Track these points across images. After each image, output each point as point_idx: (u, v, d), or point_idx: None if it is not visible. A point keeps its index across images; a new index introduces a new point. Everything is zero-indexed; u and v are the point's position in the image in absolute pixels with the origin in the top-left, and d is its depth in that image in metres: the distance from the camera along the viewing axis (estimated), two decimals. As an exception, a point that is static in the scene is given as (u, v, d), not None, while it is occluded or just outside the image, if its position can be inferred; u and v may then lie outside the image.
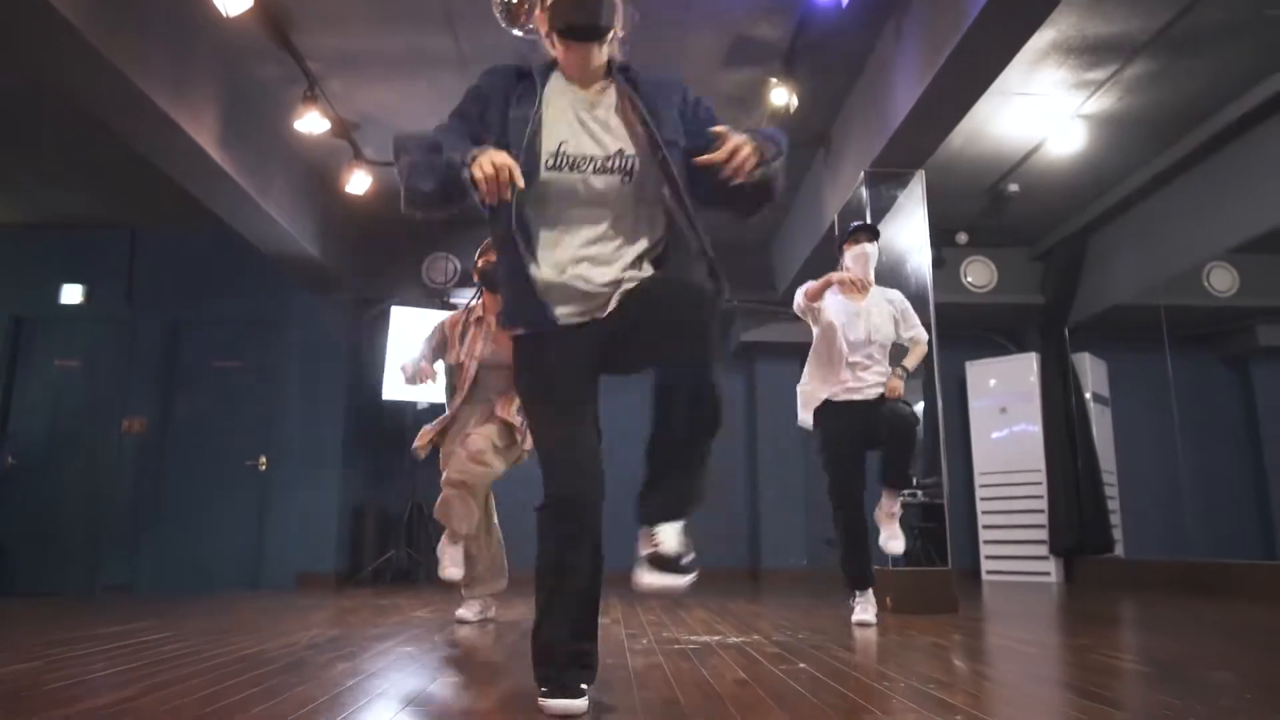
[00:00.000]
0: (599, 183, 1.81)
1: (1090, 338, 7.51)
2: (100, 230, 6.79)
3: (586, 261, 1.83)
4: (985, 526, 7.34)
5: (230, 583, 6.30)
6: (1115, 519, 7.21)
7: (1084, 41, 4.56)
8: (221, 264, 6.74)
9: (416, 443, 3.85)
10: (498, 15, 3.66)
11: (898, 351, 3.94)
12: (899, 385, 3.82)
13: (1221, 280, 6.93)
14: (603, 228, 1.84)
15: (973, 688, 2.21)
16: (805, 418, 3.93)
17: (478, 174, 1.62)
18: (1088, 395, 7.31)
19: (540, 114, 1.82)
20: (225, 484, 6.49)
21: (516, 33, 3.73)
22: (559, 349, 1.86)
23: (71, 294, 6.70)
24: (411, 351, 3.88)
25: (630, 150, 1.82)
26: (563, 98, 1.85)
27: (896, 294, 4.01)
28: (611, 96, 1.86)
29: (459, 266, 7.01)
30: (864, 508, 3.80)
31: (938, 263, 6.12)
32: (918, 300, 4.71)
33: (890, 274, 4.78)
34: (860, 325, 3.81)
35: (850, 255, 3.82)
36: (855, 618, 3.70)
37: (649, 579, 1.73)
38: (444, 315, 4.05)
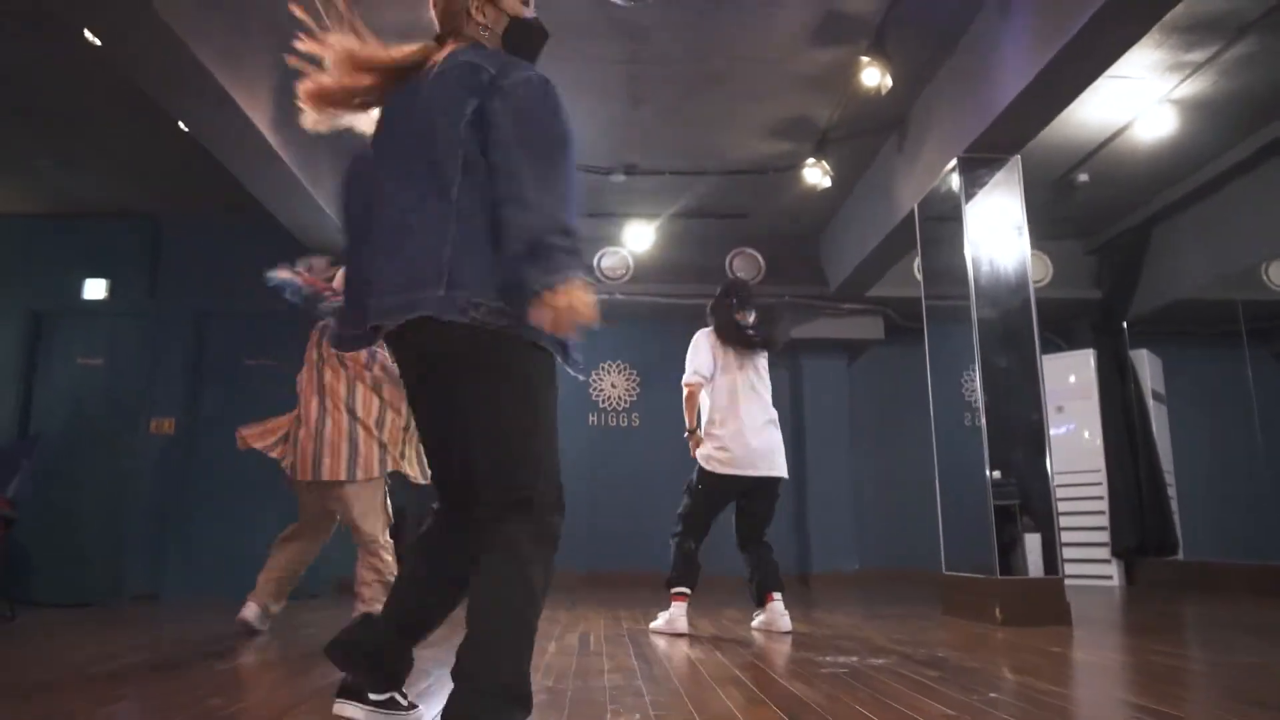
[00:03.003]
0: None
1: (1147, 333, 7.30)
2: (123, 219, 6.43)
3: None
4: (1042, 528, 7.11)
5: (264, 591, 5.97)
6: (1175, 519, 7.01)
7: (1190, 19, 4.31)
8: (250, 254, 6.33)
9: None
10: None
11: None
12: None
13: (1280, 275, 6.74)
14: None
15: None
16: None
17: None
18: (1147, 393, 7.11)
19: None
20: (258, 487, 6.14)
21: (619, 1, 3.45)
22: None
23: (94, 288, 6.33)
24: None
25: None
26: None
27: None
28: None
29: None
30: None
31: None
32: (1017, 294, 4.48)
33: (983, 267, 4.54)
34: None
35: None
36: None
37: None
38: None
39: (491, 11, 1.82)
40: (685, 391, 4.05)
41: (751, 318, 4.09)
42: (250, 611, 3.82)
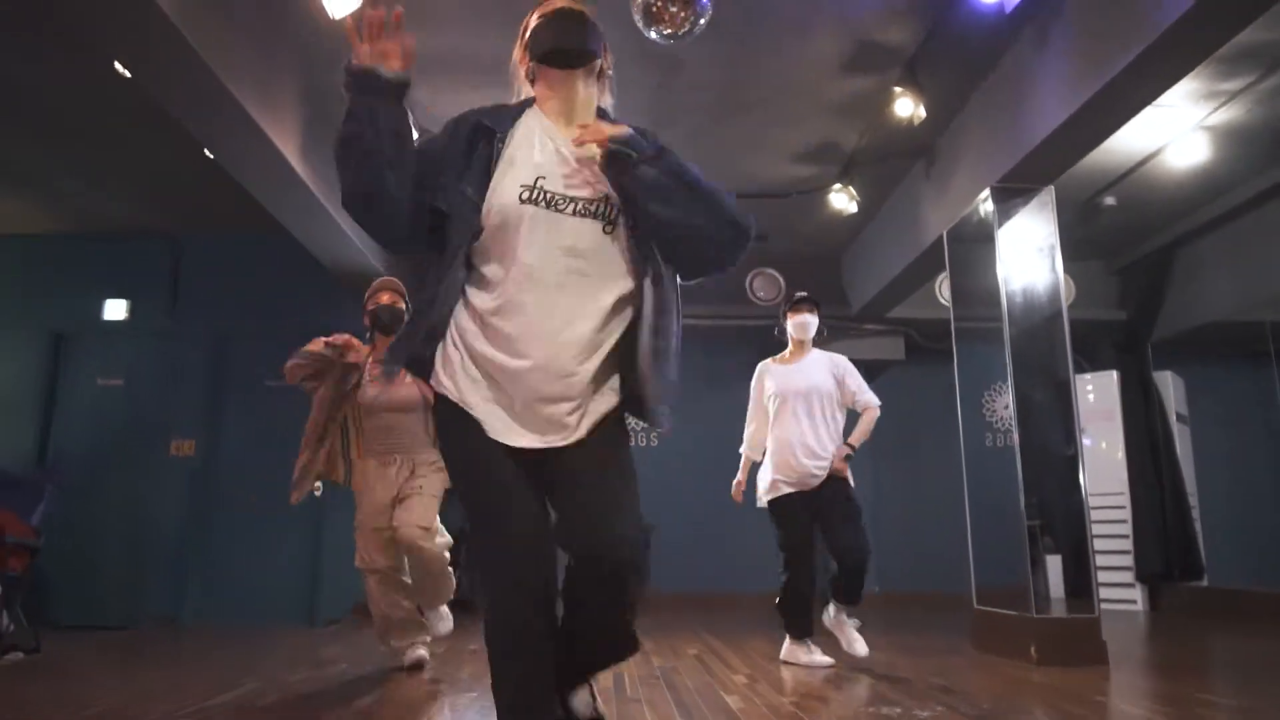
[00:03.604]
0: (579, 229, 1.55)
1: (1171, 354, 7.24)
2: (143, 239, 6.42)
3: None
4: (1065, 551, 7.05)
5: (283, 614, 5.94)
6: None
7: (1229, 49, 4.22)
8: (269, 274, 6.38)
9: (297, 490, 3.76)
10: (636, 17, 3.34)
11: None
12: (843, 466, 4.05)
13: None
14: (576, 291, 1.57)
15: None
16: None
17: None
18: (1171, 415, 7.04)
19: (508, 146, 1.61)
20: (278, 510, 6.11)
21: (653, 36, 3.42)
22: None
23: (114, 309, 6.31)
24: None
25: (616, 200, 1.58)
26: (544, 131, 1.63)
27: (841, 358, 4.28)
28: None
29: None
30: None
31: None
32: (1051, 323, 4.45)
33: (1018, 297, 4.53)
34: (799, 381, 4.12)
35: (792, 324, 4.16)
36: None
37: None
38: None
39: None
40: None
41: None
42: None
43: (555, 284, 1.52)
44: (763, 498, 4.13)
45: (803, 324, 4.17)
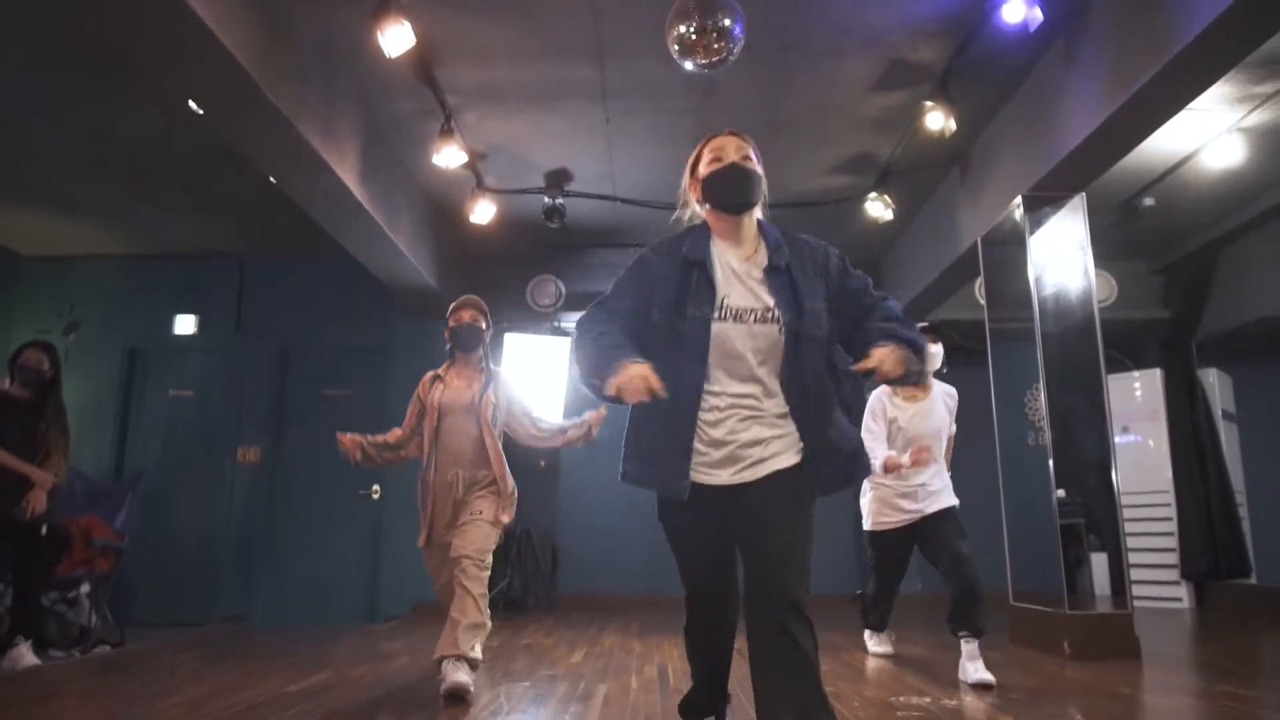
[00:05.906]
0: (759, 333, 1.94)
1: (1218, 352, 7.21)
2: (210, 259, 6.81)
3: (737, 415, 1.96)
4: (1109, 550, 7.07)
5: (346, 613, 6.26)
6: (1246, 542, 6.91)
7: (1262, 55, 4.26)
8: (327, 291, 6.73)
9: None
10: (673, 49, 3.54)
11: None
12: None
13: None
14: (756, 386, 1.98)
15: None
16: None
17: (612, 392, 1.80)
18: (1217, 412, 7.02)
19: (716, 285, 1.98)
20: (338, 513, 6.46)
21: (689, 66, 3.60)
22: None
23: (184, 325, 6.73)
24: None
25: (781, 310, 1.95)
26: (724, 258, 2.02)
27: (953, 390, 4.05)
28: (762, 257, 2.01)
29: (563, 289, 6.91)
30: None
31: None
32: (1085, 323, 4.55)
33: (1048, 297, 4.65)
34: (924, 424, 3.86)
35: None
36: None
37: None
38: None
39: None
40: None
41: None
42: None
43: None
44: (866, 523, 3.96)
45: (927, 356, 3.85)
